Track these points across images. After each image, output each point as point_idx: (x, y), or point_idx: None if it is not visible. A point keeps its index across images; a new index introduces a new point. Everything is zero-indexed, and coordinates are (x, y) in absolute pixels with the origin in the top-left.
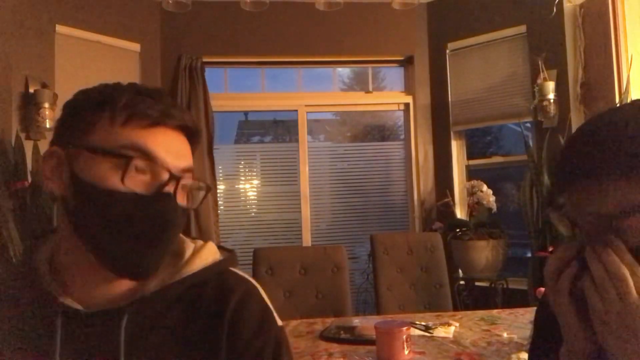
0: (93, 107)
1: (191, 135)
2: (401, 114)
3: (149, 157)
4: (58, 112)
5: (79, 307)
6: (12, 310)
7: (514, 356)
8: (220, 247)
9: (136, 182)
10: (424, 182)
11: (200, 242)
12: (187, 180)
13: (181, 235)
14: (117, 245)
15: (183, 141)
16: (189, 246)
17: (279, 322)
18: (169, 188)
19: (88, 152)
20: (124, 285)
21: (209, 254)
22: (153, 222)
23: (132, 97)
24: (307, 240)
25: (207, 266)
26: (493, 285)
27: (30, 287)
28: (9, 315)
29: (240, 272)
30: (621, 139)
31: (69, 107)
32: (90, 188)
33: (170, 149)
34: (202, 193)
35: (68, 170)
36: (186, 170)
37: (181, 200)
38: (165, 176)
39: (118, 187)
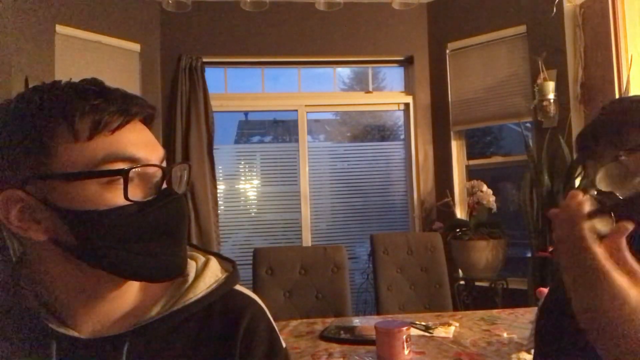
0: (41, 127)
1: (150, 119)
2: (401, 114)
3: (133, 161)
4: None
5: (75, 334)
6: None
7: (514, 356)
8: (219, 258)
9: (135, 192)
10: (424, 182)
11: (201, 260)
12: (173, 167)
13: None
14: (144, 255)
15: (146, 129)
16: (191, 265)
17: (284, 344)
18: (167, 184)
19: (63, 181)
20: (122, 310)
21: (212, 276)
22: (170, 222)
23: (84, 103)
24: (307, 240)
25: (211, 291)
26: (493, 285)
27: (17, 315)
28: None
29: (245, 291)
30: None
31: (3, 137)
32: (89, 216)
33: (144, 143)
34: (186, 172)
35: (43, 209)
36: (164, 158)
37: (178, 189)
38: (158, 174)
39: (120, 203)
